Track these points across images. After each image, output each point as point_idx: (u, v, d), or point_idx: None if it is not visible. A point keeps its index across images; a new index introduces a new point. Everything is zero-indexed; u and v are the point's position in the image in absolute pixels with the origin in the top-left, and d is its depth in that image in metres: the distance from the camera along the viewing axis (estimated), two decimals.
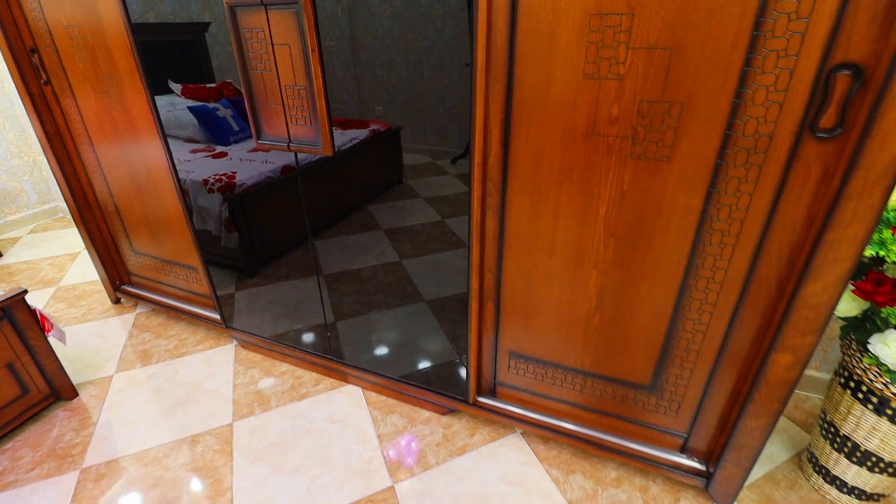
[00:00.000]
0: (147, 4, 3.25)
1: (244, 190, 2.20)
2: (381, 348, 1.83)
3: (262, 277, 2.29)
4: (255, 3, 1.08)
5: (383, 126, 3.46)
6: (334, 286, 2.24)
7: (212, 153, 2.63)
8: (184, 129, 2.88)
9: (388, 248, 2.64)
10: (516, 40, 0.95)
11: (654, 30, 0.85)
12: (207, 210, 2.22)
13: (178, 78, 3.46)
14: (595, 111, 0.95)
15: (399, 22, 3.82)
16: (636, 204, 1.01)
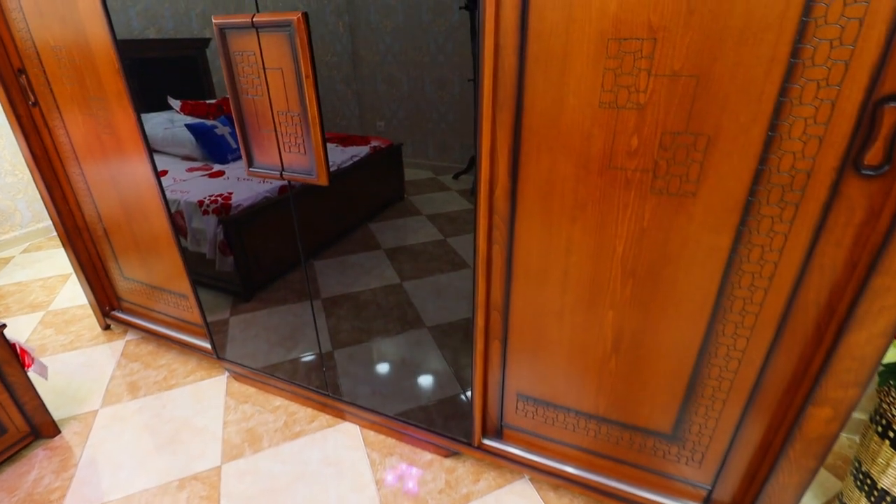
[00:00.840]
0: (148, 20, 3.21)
1: (240, 212, 2.12)
2: (381, 380, 1.73)
3: (257, 301, 2.21)
4: (245, 24, 1.01)
5: (384, 142, 3.39)
6: (332, 310, 2.16)
7: (209, 172, 2.57)
8: (181, 147, 2.82)
9: (388, 268, 2.56)
10: (526, 65, 0.87)
11: (679, 56, 0.77)
12: (202, 232, 2.15)
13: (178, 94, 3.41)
14: (612, 142, 0.87)
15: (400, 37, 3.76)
16: (657, 242, 0.92)
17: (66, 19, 1.38)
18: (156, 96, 3.31)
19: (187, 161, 2.76)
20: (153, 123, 3.00)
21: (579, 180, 0.92)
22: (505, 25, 0.85)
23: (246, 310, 2.13)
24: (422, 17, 3.64)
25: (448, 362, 1.77)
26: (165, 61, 3.35)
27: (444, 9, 3.63)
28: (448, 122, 4.23)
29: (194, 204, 2.13)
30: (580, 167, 0.91)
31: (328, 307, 2.19)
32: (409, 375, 1.75)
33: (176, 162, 2.79)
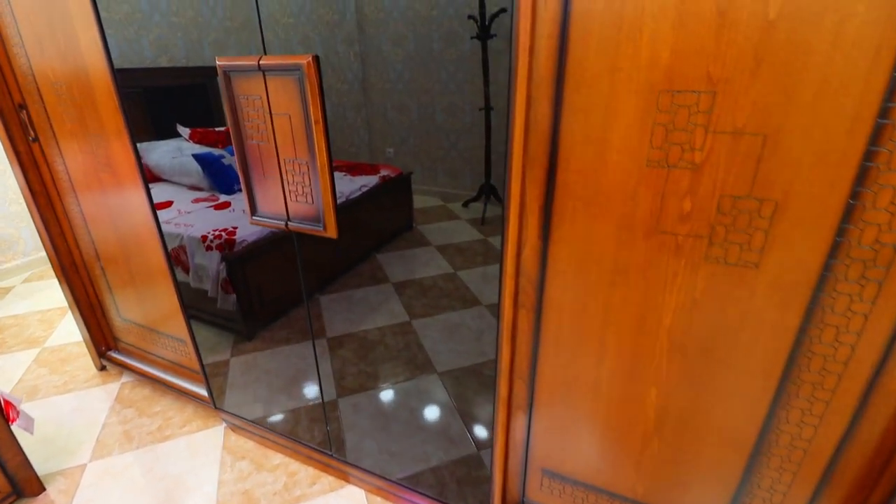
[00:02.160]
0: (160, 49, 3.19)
1: (244, 248, 2.03)
2: (388, 435, 1.60)
3: (260, 341, 2.10)
4: (251, 68, 0.93)
5: (394, 171, 3.31)
6: (337, 351, 2.04)
7: (214, 203, 2.49)
8: (188, 177, 2.76)
9: (396, 304, 2.44)
10: (562, 117, 0.77)
11: (743, 112, 0.67)
12: (204, 269, 2.06)
13: (188, 122, 3.37)
14: (661, 204, 0.76)
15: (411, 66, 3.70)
16: (711, 315, 0.81)
17: (66, 56, 1.32)
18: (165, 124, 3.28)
19: (194, 191, 2.70)
20: (161, 152, 2.95)
21: (621, 243, 0.82)
22: (539, 75, 0.76)
23: (247, 350, 2.02)
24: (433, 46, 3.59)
25: (461, 415, 1.64)
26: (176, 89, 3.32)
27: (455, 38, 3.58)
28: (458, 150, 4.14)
29: (197, 239, 2.05)
30: (623, 229, 0.81)
31: (333, 347, 2.08)
32: (418, 430, 1.62)
33: (182, 191, 2.73)
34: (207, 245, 2.02)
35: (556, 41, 0.73)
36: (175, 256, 2.15)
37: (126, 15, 2.88)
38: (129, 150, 1.33)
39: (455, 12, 3.64)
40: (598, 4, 0.69)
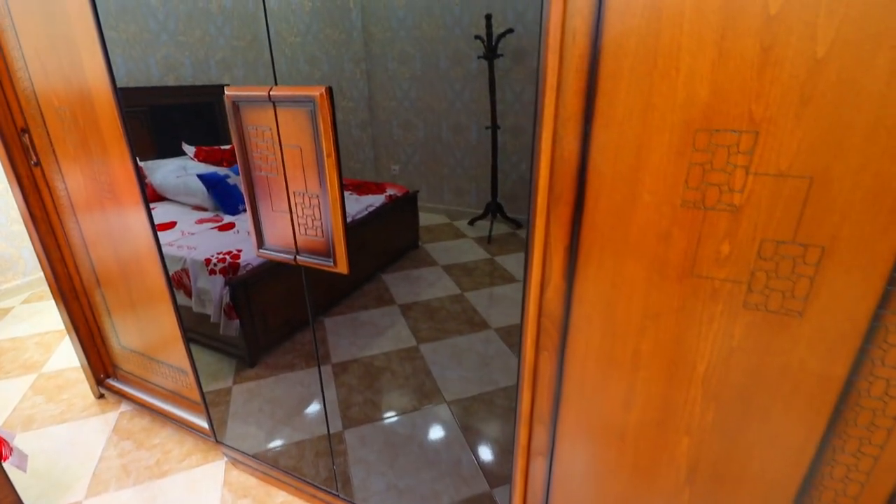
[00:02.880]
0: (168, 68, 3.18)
1: (248, 271, 1.99)
2: (397, 470, 1.54)
3: (263, 367, 2.04)
4: (261, 99, 0.89)
5: (400, 190, 3.28)
6: (343, 379, 1.98)
7: (219, 224, 2.46)
8: (192, 197, 2.73)
9: (403, 328, 2.38)
10: (590, 155, 0.73)
11: (788, 153, 0.63)
12: (207, 293, 2.01)
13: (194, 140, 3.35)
14: (696, 247, 0.72)
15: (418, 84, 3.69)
16: (750, 364, 0.76)
17: (70, 81, 1.29)
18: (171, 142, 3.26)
19: (198, 211, 2.66)
20: (166, 171, 2.93)
21: (652, 286, 0.77)
22: (566, 111, 0.72)
23: (249, 377, 1.96)
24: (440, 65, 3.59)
25: (472, 449, 1.58)
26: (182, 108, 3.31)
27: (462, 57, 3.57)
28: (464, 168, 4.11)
29: (201, 262, 2.00)
30: (654, 272, 0.76)
31: (338, 374, 2.02)
32: (427, 466, 1.56)
33: (186, 211, 2.69)
34: (211, 269, 1.97)
35: (585, 77, 0.69)
36: (177, 280, 2.11)
37: (133, 35, 2.87)
38: (132, 175, 1.29)
39: (462, 32, 3.64)
40: (630, 41, 0.65)
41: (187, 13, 3.15)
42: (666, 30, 0.63)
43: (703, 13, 0.61)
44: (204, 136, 3.30)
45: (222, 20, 3.47)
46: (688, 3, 0.61)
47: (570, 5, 0.67)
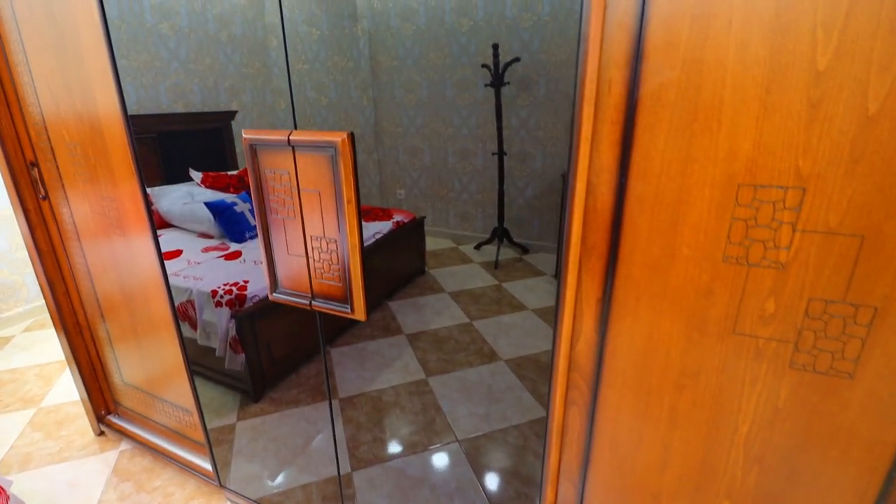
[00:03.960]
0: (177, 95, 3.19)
1: (255, 304, 1.95)
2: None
3: (267, 402, 1.98)
4: (280, 143, 0.87)
5: (407, 216, 3.26)
6: (350, 414, 1.92)
7: (225, 252, 2.43)
8: (199, 224, 2.71)
9: (411, 359, 2.33)
10: (625, 207, 0.70)
11: (837, 210, 0.60)
12: (213, 326, 1.96)
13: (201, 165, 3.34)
14: (739, 304, 0.68)
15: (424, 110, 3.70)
16: (796, 427, 0.71)
17: (82, 116, 1.28)
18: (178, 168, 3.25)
19: (204, 238, 2.64)
20: (173, 198, 2.91)
21: (691, 343, 0.73)
22: (601, 163, 0.69)
23: (254, 413, 1.90)
24: (446, 92, 3.60)
25: (487, 495, 1.51)
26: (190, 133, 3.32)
27: (468, 85, 3.58)
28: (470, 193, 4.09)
29: (207, 294, 1.96)
30: (693, 328, 0.72)
31: (346, 409, 1.95)
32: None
33: (192, 239, 2.67)
34: (217, 301, 1.93)
35: (621, 128, 0.67)
36: (182, 311, 2.07)
37: (145, 63, 2.90)
38: (141, 206, 1.26)
39: (468, 61, 3.67)
40: (668, 94, 0.63)
41: (198, 42, 3.18)
42: (707, 83, 0.61)
43: (746, 67, 0.59)
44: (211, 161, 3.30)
45: (232, 48, 3.50)
46: (731, 56, 0.59)
47: (606, 55, 0.65)
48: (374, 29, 3.71)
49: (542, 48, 3.26)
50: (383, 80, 3.78)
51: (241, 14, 3.40)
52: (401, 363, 2.28)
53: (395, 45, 3.71)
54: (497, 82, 3.22)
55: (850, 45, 0.55)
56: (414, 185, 4.29)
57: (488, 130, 3.71)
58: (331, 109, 3.97)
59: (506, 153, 3.51)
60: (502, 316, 2.72)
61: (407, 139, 3.95)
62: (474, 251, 3.89)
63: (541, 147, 3.52)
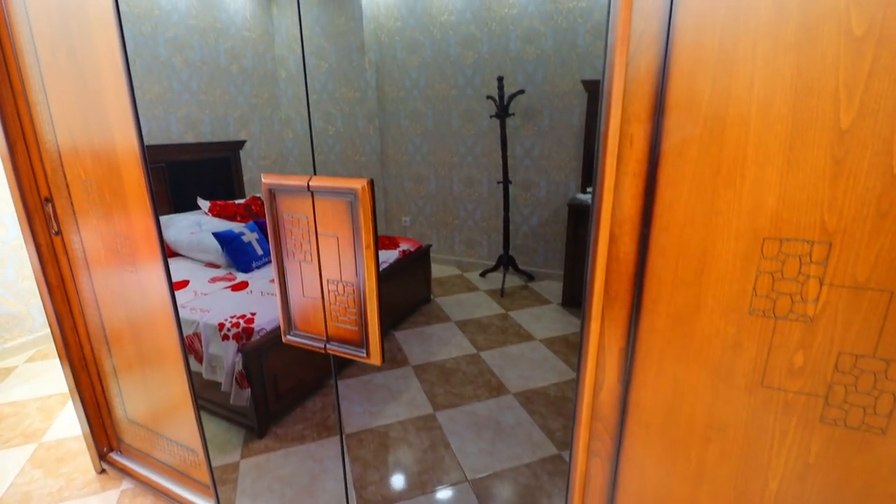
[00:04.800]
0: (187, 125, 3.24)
1: (262, 337, 1.93)
2: None
3: (272, 438, 1.94)
4: (299, 188, 0.88)
5: (414, 244, 3.26)
6: (358, 453, 1.87)
7: (232, 283, 2.42)
8: (206, 254, 2.71)
9: (418, 392, 2.29)
10: (648, 257, 0.70)
11: (865, 265, 0.60)
12: (219, 360, 1.94)
13: (209, 194, 3.37)
14: (766, 357, 0.67)
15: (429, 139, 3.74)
16: (828, 483, 0.69)
17: (100, 155, 1.29)
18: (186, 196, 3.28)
19: (211, 268, 2.64)
20: (180, 227, 2.92)
21: (718, 395, 0.72)
22: (623, 214, 0.69)
23: (259, 450, 1.86)
24: (451, 122, 3.64)
25: None
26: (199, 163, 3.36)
27: (473, 115, 3.63)
28: (475, 220, 4.10)
29: (214, 327, 1.95)
30: (720, 380, 0.71)
31: (353, 446, 1.91)
32: None
33: (199, 269, 2.67)
34: (224, 334, 1.92)
35: (643, 181, 0.67)
36: (188, 344, 2.05)
37: (157, 95, 2.96)
38: (154, 238, 1.26)
39: (474, 92, 3.74)
40: (691, 149, 0.64)
41: (210, 74, 3.25)
42: (730, 139, 0.62)
43: (769, 124, 0.60)
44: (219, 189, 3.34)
45: (242, 80, 3.58)
46: (753, 114, 0.60)
47: (628, 111, 0.66)
48: (381, 61, 3.80)
49: (545, 80, 3.33)
50: (389, 110, 3.86)
51: (252, 47, 3.48)
52: (408, 396, 2.24)
53: (402, 76, 3.79)
54: (502, 113, 3.28)
55: (872, 104, 0.56)
56: (419, 212, 4.32)
57: (493, 159, 3.76)
58: (337, 138, 4.03)
59: (511, 181, 3.54)
60: (509, 346, 2.69)
61: (412, 167, 4.00)
62: (480, 278, 3.88)
63: (545, 175, 3.55)
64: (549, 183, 3.69)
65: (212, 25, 3.28)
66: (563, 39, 3.30)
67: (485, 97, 3.50)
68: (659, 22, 0.61)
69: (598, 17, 3.15)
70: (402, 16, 3.75)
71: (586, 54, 3.23)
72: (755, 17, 0.57)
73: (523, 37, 3.44)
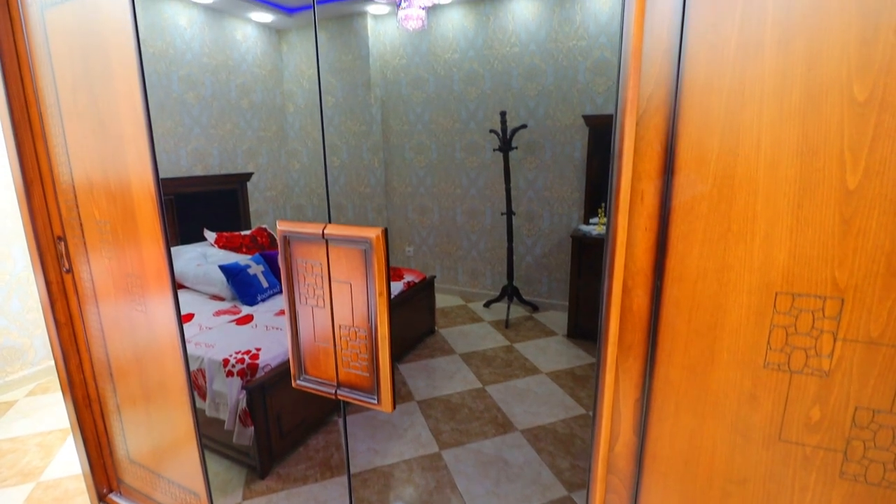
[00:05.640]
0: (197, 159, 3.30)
1: (267, 373, 1.92)
2: None
3: (274, 478, 1.90)
4: (314, 236, 0.90)
5: (418, 276, 3.26)
6: (362, 494, 1.83)
7: (237, 317, 2.42)
8: (211, 286, 2.72)
9: (423, 429, 2.25)
10: (661, 309, 0.71)
11: (878, 321, 0.60)
12: (223, 396, 1.92)
13: (215, 225, 3.41)
14: (783, 410, 0.67)
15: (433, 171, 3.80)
16: None
17: (115, 197, 1.32)
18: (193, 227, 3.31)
19: (216, 301, 2.64)
20: (186, 259, 2.94)
21: (736, 449, 0.71)
22: (636, 266, 0.70)
23: (260, 491, 1.82)
24: (455, 155, 3.71)
25: None
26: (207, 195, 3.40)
27: (476, 149, 3.70)
28: (479, 251, 4.12)
29: (218, 363, 1.94)
30: (738, 434, 0.70)
31: (357, 488, 1.87)
32: None
33: (204, 301, 2.67)
34: (228, 370, 1.90)
35: (655, 235, 0.69)
36: (192, 380, 2.03)
37: (168, 129, 3.03)
38: (169, 301, 1.27)
39: (476, 126, 3.82)
40: (701, 206, 0.65)
41: (220, 109, 3.34)
42: (739, 197, 0.63)
43: (777, 183, 0.61)
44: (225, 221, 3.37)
45: (251, 114, 3.67)
46: (761, 174, 0.62)
47: (639, 168, 0.68)
48: (387, 96, 3.90)
49: (546, 114, 3.41)
50: (394, 143, 3.93)
51: (262, 83, 3.58)
52: (413, 433, 2.21)
53: (406, 110, 3.88)
54: (505, 147, 3.34)
55: (878, 166, 0.57)
56: (423, 242, 4.35)
57: (496, 191, 3.81)
58: (342, 170, 4.10)
59: (514, 213, 3.58)
60: (516, 380, 2.66)
61: (416, 198, 4.04)
62: (484, 309, 3.86)
63: (548, 207, 3.59)
64: (552, 214, 3.73)
65: (224, 63, 3.38)
66: (564, 76, 3.39)
67: (488, 131, 3.58)
68: (667, 86, 0.63)
69: (597, 55, 3.25)
70: (406, 54, 3.87)
71: (586, 90, 3.32)
72: (760, 84, 0.60)
73: (525, 74, 3.53)
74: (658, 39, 0.63)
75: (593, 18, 3.35)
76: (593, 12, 3.37)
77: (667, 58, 0.62)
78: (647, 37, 0.63)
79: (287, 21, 3.64)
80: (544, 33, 3.40)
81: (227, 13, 3.44)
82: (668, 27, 0.62)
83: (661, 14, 0.62)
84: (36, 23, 1.36)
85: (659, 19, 0.62)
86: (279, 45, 3.74)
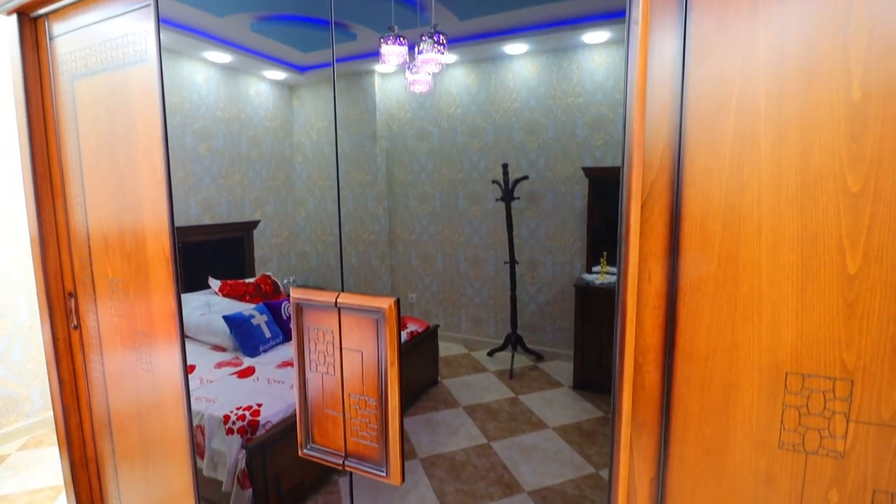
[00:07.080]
0: (205, 207, 3.37)
1: (267, 431, 1.88)
2: None
3: None
4: (327, 304, 0.91)
5: (422, 325, 3.25)
6: None
7: (238, 369, 2.39)
8: (213, 336, 2.70)
9: (427, 491, 2.18)
10: (673, 386, 0.71)
11: (889, 403, 0.61)
12: (222, 455, 1.88)
13: (220, 272, 3.43)
14: (801, 492, 0.66)
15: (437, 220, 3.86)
16: None
17: (130, 256, 1.35)
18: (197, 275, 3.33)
19: (217, 351, 2.62)
20: (190, 308, 2.94)
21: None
22: (645, 343, 0.72)
23: None
24: (458, 203, 3.79)
25: None
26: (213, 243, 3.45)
27: (479, 198, 3.78)
28: (482, 298, 4.11)
29: (219, 419, 1.90)
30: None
31: None
32: None
33: (205, 352, 2.65)
34: (229, 427, 1.86)
35: (663, 314, 0.70)
36: None
37: (179, 179, 3.11)
38: (177, 362, 1.28)
39: (479, 176, 3.92)
40: (707, 286, 0.67)
41: (231, 160, 3.45)
42: (744, 278, 0.66)
43: (780, 267, 0.64)
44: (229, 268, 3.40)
45: (261, 164, 3.78)
46: (764, 257, 0.64)
47: (645, 249, 0.70)
48: (392, 147, 4.04)
49: (547, 166, 3.51)
50: (398, 192, 4.03)
51: (273, 135, 3.72)
52: (416, 495, 2.13)
53: (411, 161, 4.01)
54: (507, 197, 3.43)
55: (875, 252, 0.60)
56: (426, 289, 4.36)
57: (499, 239, 3.87)
58: (347, 217, 4.17)
59: (517, 261, 3.61)
60: (522, 436, 2.59)
61: (420, 246, 4.10)
62: (487, 358, 3.81)
63: (550, 255, 3.63)
64: (555, 263, 3.76)
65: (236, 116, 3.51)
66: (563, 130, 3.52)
67: (490, 181, 3.68)
68: (669, 174, 0.67)
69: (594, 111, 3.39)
70: (411, 108, 4.04)
71: (585, 144, 3.43)
72: (757, 174, 0.63)
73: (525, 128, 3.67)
74: (658, 131, 0.67)
75: (589, 77, 3.52)
76: (590, 71, 3.54)
77: (668, 151, 0.66)
78: (649, 129, 0.67)
79: (299, 78, 3.82)
80: (543, 90, 3.56)
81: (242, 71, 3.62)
82: (669, 120, 0.66)
83: (660, 111, 0.66)
84: (65, 91, 1.44)
85: (658, 116, 0.66)
86: (290, 100, 3.91)
